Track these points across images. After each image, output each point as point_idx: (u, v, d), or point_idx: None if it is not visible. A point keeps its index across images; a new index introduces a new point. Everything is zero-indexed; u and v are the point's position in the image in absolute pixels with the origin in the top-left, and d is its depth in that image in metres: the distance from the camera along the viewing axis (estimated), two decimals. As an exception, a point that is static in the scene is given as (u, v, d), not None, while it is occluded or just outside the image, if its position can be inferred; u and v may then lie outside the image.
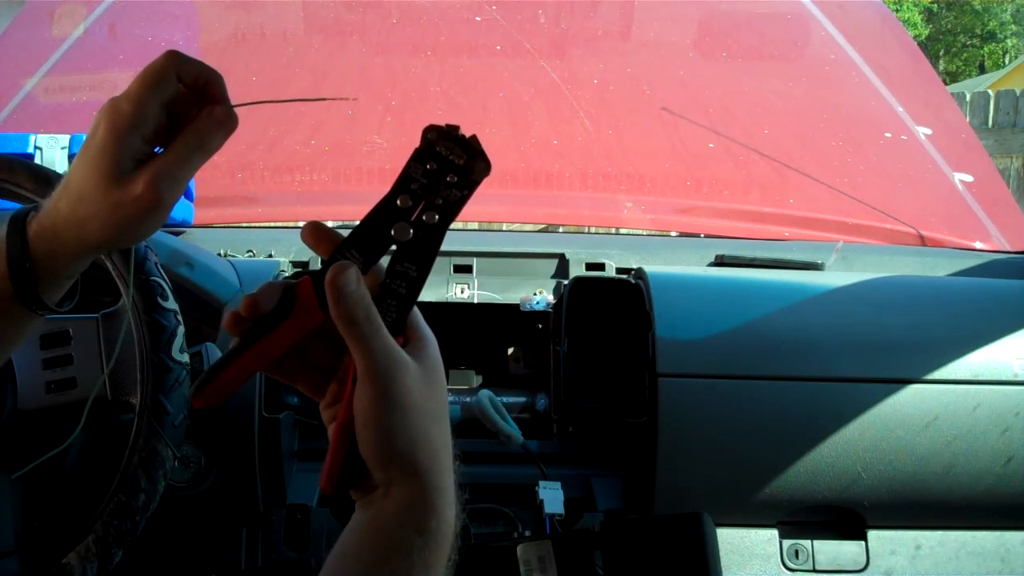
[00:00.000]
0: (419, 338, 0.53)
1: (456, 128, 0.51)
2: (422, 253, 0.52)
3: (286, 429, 1.14)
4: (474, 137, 0.52)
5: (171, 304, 0.83)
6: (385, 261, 0.52)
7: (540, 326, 1.33)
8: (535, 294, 1.29)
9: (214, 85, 0.55)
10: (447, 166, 0.51)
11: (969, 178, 1.67)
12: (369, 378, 0.49)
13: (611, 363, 1.25)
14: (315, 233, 0.53)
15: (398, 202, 0.51)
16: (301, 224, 0.52)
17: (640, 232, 1.89)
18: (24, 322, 0.61)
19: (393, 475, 0.49)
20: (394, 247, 0.52)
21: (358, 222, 0.52)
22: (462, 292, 1.30)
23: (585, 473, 1.18)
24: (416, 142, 0.52)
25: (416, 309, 0.53)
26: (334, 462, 0.50)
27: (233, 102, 0.55)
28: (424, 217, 0.51)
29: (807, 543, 1.15)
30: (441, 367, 0.53)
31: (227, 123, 0.55)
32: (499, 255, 1.37)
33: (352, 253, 0.51)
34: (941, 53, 18.40)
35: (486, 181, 0.52)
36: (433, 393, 0.51)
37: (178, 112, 0.55)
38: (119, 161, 0.53)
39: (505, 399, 1.25)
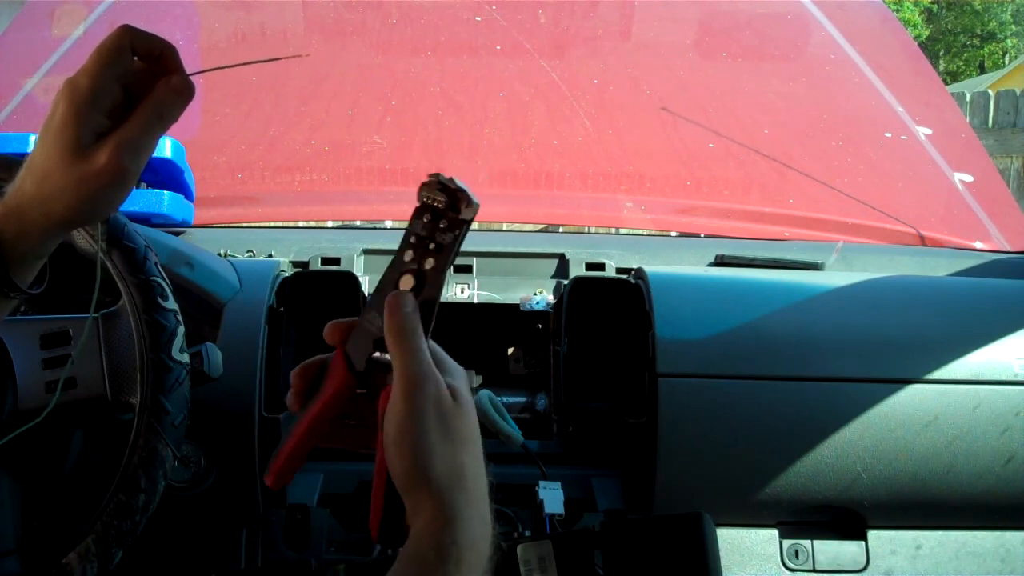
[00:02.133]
0: (450, 371, 0.55)
1: (437, 176, 0.55)
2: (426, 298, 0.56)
3: (286, 429, 1.14)
4: (453, 180, 0.55)
5: (171, 304, 0.83)
6: None
7: (540, 326, 1.33)
8: (535, 294, 1.29)
9: (168, 56, 0.56)
10: (438, 214, 0.55)
11: (969, 178, 1.67)
12: (403, 393, 0.51)
13: (611, 363, 1.25)
14: (336, 332, 0.56)
15: (405, 257, 0.55)
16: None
17: (640, 232, 1.88)
18: None
19: (419, 498, 0.50)
20: None
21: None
22: (462, 292, 1.30)
23: (585, 473, 1.18)
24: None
25: (440, 349, 0.57)
26: (375, 510, 0.53)
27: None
28: (426, 265, 0.55)
29: (807, 543, 1.15)
30: (471, 399, 0.56)
31: (184, 92, 0.56)
32: (499, 255, 1.37)
33: (374, 314, 0.55)
34: (941, 53, 18.39)
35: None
36: (462, 421, 0.54)
37: (135, 88, 0.56)
38: (80, 135, 0.54)
39: (505, 399, 1.25)
